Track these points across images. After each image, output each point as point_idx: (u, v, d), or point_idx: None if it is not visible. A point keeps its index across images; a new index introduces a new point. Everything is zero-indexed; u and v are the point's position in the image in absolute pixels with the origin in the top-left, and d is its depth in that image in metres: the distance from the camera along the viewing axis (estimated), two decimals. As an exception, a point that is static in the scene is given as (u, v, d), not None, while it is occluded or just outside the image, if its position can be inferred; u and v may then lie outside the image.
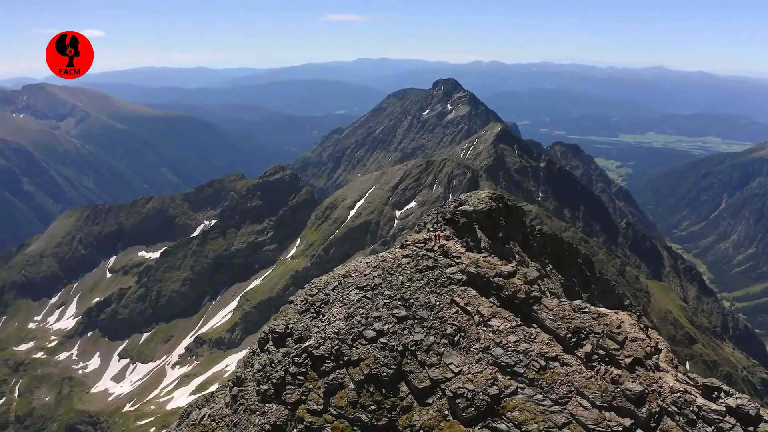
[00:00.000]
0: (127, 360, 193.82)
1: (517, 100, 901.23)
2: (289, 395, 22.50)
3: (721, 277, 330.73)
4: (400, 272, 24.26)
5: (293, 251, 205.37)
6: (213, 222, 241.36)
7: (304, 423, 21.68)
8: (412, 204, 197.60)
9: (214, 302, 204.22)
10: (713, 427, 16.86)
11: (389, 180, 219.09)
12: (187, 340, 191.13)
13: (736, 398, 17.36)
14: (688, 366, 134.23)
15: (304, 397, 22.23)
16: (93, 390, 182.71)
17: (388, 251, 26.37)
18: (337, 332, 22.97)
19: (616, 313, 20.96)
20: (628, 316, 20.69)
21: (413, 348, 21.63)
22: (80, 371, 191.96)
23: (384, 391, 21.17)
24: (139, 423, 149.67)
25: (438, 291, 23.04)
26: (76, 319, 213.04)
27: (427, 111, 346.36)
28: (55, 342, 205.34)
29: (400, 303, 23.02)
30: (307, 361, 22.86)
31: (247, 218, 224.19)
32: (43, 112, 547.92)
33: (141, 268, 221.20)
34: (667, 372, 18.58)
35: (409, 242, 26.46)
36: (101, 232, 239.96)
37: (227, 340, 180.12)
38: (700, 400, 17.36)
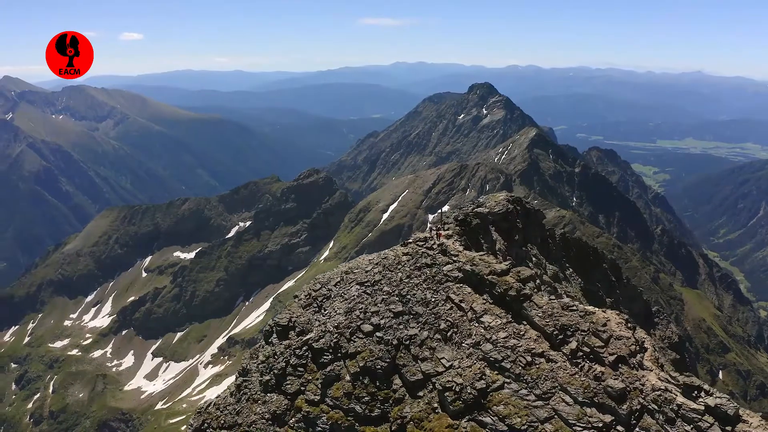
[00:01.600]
0: (161, 359, 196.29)
1: (553, 104, 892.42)
2: (289, 386, 23.29)
3: (759, 285, 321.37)
4: (399, 269, 24.86)
5: (326, 254, 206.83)
6: (247, 224, 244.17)
7: (302, 412, 22.44)
8: (445, 208, 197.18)
9: (247, 303, 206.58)
10: (692, 426, 16.99)
11: (422, 184, 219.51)
12: (220, 340, 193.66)
13: (716, 398, 17.47)
14: (721, 375, 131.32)
15: (303, 388, 22.98)
16: (126, 388, 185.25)
17: (390, 249, 26.99)
18: (337, 326, 23.69)
19: (603, 311, 21.17)
20: (615, 315, 20.89)
21: (407, 342, 22.20)
22: (114, 369, 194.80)
23: (378, 384, 21.79)
24: (171, 421, 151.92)
25: (435, 288, 23.57)
26: (111, 317, 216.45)
27: (462, 115, 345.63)
28: (90, 340, 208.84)
29: (397, 299, 23.63)
30: (307, 353, 23.62)
31: (281, 220, 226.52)
32: (82, 113, 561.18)
33: (176, 268, 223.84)
34: (651, 371, 18.75)
35: (410, 241, 27.06)
36: (137, 232, 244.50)
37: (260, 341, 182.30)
38: (680, 399, 17.51)
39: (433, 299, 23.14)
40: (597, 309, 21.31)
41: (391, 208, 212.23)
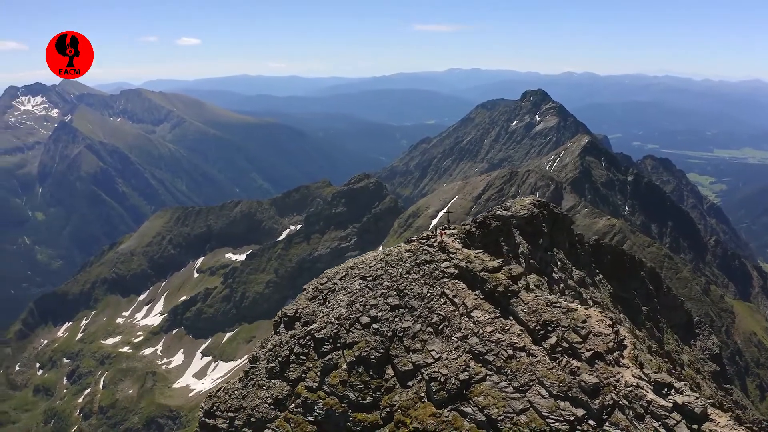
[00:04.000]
0: (210, 358, 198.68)
1: (609, 112, 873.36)
2: (291, 373, 24.50)
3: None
4: (400, 265, 25.79)
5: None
6: (298, 227, 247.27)
7: (301, 398, 23.61)
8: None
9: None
10: (660, 423, 17.25)
11: (472, 190, 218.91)
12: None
13: (685, 395, 17.67)
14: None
15: (303, 375, 24.15)
16: (175, 385, 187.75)
17: (395, 246, 27.94)
18: (338, 317, 24.78)
19: (586, 308, 21.52)
20: (598, 312, 21.21)
21: (401, 334, 23.09)
22: (163, 367, 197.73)
23: (371, 373, 22.76)
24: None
25: (431, 283, 24.38)
26: (163, 316, 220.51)
27: (515, 122, 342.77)
28: (141, 337, 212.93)
29: (395, 293, 24.55)
30: (310, 342, 24.79)
31: (332, 224, 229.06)
32: (140, 116, 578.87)
33: (227, 269, 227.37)
34: (628, 368, 19.06)
35: (414, 239, 27.98)
36: (190, 233, 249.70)
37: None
38: (650, 396, 17.78)
39: (428, 294, 23.97)
40: (580, 306, 21.68)
41: (441, 214, 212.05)
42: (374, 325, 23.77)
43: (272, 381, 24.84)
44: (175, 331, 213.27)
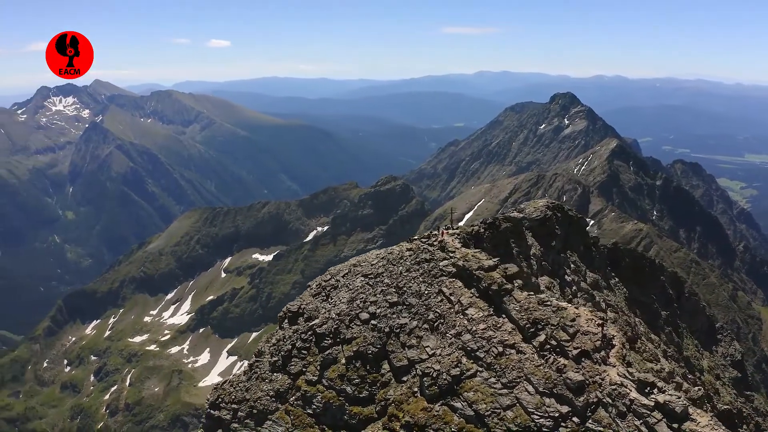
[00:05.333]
0: (235, 357, 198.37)
1: (639, 116, 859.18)
2: (293, 366, 25.19)
3: None
4: (401, 263, 26.30)
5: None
6: (325, 228, 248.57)
7: (301, 391, 24.27)
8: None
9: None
10: (641, 421, 17.46)
11: (499, 193, 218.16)
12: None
13: (666, 395, 17.84)
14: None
15: (304, 369, 24.82)
16: (201, 384, 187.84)
17: (397, 245, 28.45)
18: (339, 313, 25.40)
19: (575, 308, 21.76)
20: (588, 311, 21.44)
21: (398, 330, 23.60)
22: (190, 365, 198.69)
23: (368, 368, 23.32)
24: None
25: (429, 281, 24.83)
26: (190, 315, 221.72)
27: (543, 125, 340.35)
28: (168, 336, 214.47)
29: (394, 290, 25.08)
30: (311, 337, 25.45)
31: (358, 226, 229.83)
32: (170, 117, 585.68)
33: (254, 269, 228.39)
34: (614, 366, 19.28)
35: (416, 238, 28.48)
36: (218, 234, 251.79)
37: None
38: (633, 394, 17.98)
39: (426, 291, 24.44)
40: (569, 305, 21.93)
41: (467, 216, 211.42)
42: (373, 321, 24.34)
43: (275, 374, 25.56)
44: (201, 330, 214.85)
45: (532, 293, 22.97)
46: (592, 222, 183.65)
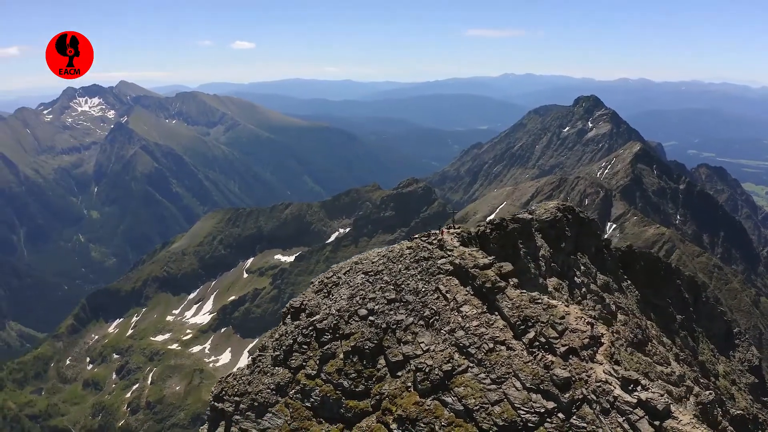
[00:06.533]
0: None
1: (665, 119, 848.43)
2: (293, 361, 25.82)
3: None
4: (401, 261, 26.79)
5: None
6: (347, 230, 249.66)
7: (300, 384, 24.88)
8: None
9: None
10: (624, 418, 17.68)
11: (521, 196, 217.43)
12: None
13: (649, 392, 18.04)
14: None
15: (304, 363, 25.44)
16: None
17: (398, 243, 28.95)
18: (339, 310, 25.98)
19: (565, 306, 22.02)
20: (578, 310, 21.69)
21: (394, 326, 24.10)
22: (211, 365, 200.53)
23: (365, 362, 23.86)
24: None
25: (427, 279, 25.28)
26: (212, 315, 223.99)
27: (567, 128, 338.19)
28: (190, 335, 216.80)
29: (393, 287, 25.57)
30: (312, 332, 26.06)
31: (380, 228, 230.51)
32: (194, 118, 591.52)
33: (276, 270, 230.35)
34: (601, 364, 19.52)
35: (416, 236, 28.98)
36: (241, 234, 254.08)
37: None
38: (617, 392, 18.22)
39: (423, 289, 24.89)
40: (560, 303, 22.19)
41: (488, 219, 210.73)
42: (370, 318, 24.87)
43: (276, 368, 26.20)
44: (223, 329, 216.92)
45: (524, 291, 23.29)
46: (614, 226, 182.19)
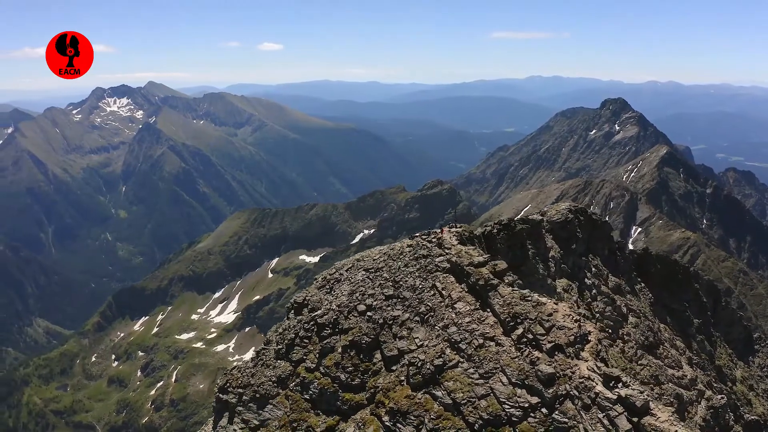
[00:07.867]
0: None
1: (693, 123, 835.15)
2: (294, 354, 26.60)
3: None
4: (400, 258, 27.43)
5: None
6: (372, 231, 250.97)
7: (300, 377, 25.65)
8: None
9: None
10: (604, 414, 18.01)
11: (545, 199, 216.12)
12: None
13: (629, 389, 18.36)
14: None
15: (304, 357, 26.20)
16: None
17: (399, 241, 29.59)
18: (339, 305, 26.70)
19: (555, 303, 22.42)
20: (567, 308, 22.05)
21: (391, 322, 24.74)
22: (235, 363, 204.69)
23: (361, 357, 24.55)
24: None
25: (424, 276, 25.87)
26: (236, 314, 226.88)
27: (593, 131, 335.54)
28: (215, 334, 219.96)
29: (391, 284, 26.22)
30: (313, 327, 26.82)
31: (404, 229, 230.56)
32: (222, 119, 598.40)
33: (300, 270, 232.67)
34: (587, 361, 19.87)
35: (417, 235, 29.58)
36: (266, 234, 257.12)
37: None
38: (599, 388, 18.55)
39: (420, 286, 25.48)
40: (549, 300, 22.60)
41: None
42: (369, 313, 25.55)
43: (278, 361, 26.99)
44: (247, 329, 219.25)
45: (516, 289, 23.75)
46: (640, 229, 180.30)
